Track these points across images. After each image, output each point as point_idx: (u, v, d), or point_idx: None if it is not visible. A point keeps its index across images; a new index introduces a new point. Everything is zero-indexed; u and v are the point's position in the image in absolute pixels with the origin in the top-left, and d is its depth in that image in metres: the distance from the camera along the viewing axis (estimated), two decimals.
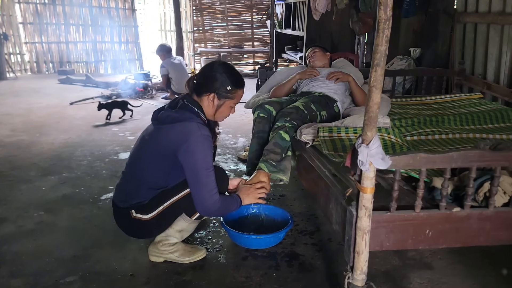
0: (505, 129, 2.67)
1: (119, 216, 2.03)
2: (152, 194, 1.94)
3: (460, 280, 1.90)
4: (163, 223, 2.01)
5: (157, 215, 1.93)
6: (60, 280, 1.91)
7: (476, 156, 1.51)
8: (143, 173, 1.95)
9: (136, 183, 1.95)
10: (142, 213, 1.93)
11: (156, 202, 1.93)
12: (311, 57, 3.30)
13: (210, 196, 1.85)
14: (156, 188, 1.94)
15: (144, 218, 1.93)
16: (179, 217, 2.01)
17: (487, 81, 3.70)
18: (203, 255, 2.08)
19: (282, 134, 2.43)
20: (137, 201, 1.93)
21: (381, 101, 1.54)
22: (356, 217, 1.51)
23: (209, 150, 1.87)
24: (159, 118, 1.96)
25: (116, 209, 2.02)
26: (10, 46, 8.81)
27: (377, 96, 1.36)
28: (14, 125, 4.74)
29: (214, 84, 1.94)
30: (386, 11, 1.27)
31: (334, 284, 1.89)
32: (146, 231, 2.02)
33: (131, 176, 2.00)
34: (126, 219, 1.97)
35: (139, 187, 1.94)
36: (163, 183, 1.95)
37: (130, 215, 1.94)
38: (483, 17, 3.79)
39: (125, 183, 2.02)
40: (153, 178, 1.94)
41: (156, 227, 2.00)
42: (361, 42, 6.49)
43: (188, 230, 2.07)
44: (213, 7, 10.06)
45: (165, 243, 2.03)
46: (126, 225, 2.02)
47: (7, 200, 2.76)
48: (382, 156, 1.41)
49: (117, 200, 2.01)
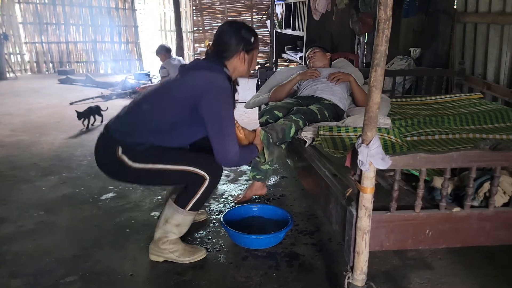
0: (505, 129, 2.67)
1: (103, 145, 1.95)
2: (148, 140, 1.87)
3: (460, 280, 1.90)
4: (142, 180, 1.97)
5: (143, 170, 1.87)
6: (60, 280, 1.91)
7: (476, 156, 1.51)
8: (152, 114, 1.90)
9: (139, 121, 1.90)
10: (130, 157, 1.86)
11: (149, 157, 1.87)
12: (311, 57, 3.30)
13: (234, 145, 1.84)
14: (157, 132, 1.88)
15: (129, 163, 1.86)
16: (173, 211, 1.98)
17: (487, 81, 3.70)
18: (203, 256, 2.08)
19: (293, 127, 2.43)
20: (131, 139, 1.87)
21: (381, 102, 1.55)
22: (356, 217, 1.51)
23: (232, 103, 1.88)
24: (186, 66, 1.98)
25: (105, 137, 1.94)
26: (10, 46, 8.82)
27: (377, 96, 1.36)
28: (14, 125, 4.74)
29: (239, 44, 1.98)
30: (386, 11, 1.27)
31: (334, 284, 1.89)
32: (121, 174, 1.95)
33: (138, 113, 1.94)
34: (109, 151, 1.89)
35: (141, 126, 1.89)
36: (166, 131, 1.89)
37: (116, 151, 1.86)
38: (483, 17, 3.79)
39: (127, 116, 1.95)
40: (159, 121, 1.88)
41: (134, 178, 1.96)
42: (361, 42, 6.49)
43: (185, 223, 2.03)
44: (213, 7, 10.07)
45: (165, 241, 2.01)
46: (104, 157, 1.95)
47: (7, 200, 2.76)
48: (382, 156, 1.41)
49: (112, 127, 1.93)
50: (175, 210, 1.98)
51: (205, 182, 1.93)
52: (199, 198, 1.96)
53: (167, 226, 2.01)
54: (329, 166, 1.99)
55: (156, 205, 2.68)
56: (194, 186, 1.95)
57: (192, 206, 1.97)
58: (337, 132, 2.29)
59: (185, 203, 1.96)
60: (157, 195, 2.84)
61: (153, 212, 2.59)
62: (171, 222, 2.00)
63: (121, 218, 2.51)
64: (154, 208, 2.64)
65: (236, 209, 2.44)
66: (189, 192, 1.96)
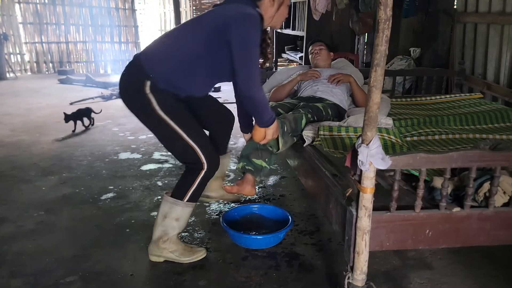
0: (505, 129, 2.67)
1: (131, 73, 1.90)
2: (174, 74, 1.85)
3: (460, 280, 1.90)
4: (157, 132, 1.94)
5: (163, 122, 1.85)
6: (60, 280, 1.91)
7: (476, 156, 1.51)
8: (181, 42, 1.89)
9: (168, 50, 1.89)
10: (157, 101, 1.83)
11: (172, 110, 1.86)
12: (316, 54, 3.25)
13: (258, 74, 1.82)
14: (184, 64, 1.86)
15: (155, 108, 1.83)
16: (170, 205, 1.97)
17: (487, 81, 3.70)
18: (202, 255, 2.07)
19: (303, 118, 2.42)
20: (159, 70, 1.84)
21: (381, 102, 1.55)
22: (356, 217, 1.51)
23: (258, 34, 1.84)
24: (218, 3, 1.97)
25: (134, 64, 1.89)
26: (10, 46, 8.82)
27: (377, 96, 1.36)
28: (14, 125, 4.74)
29: None
30: (386, 11, 1.27)
31: (334, 284, 1.89)
32: (143, 113, 1.90)
33: (167, 42, 1.94)
34: (137, 83, 1.84)
35: (169, 55, 1.87)
36: (192, 62, 1.87)
37: (143, 86, 1.82)
38: (483, 17, 3.79)
39: (158, 46, 1.94)
40: (187, 51, 1.86)
41: (153, 125, 1.92)
42: (361, 42, 6.50)
43: (184, 217, 2.00)
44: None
45: (165, 240, 2.00)
46: (131, 86, 1.90)
47: (7, 200, 2.76)
48: (382, 156, 1.41)
49: (141, 56, 1.90)
50: (172, 204, 1.96)
51: (202, 172, 1.93)
52: (196, 188, 1.95)
53: (166, 221, 1.99)
54: (329, 166, 1.98)
55: (156, 205, 2.68)
56: (191, 174, 1.95)
57: (190, 196, 1.96)
58: (337, 132, 2.29)
59: (183, 194, 1.95)
60: (157, 195, 2.84)
61: (153, 212, 2.59)
62: (170, 216, 1.98)
63: (121, 218, 2.51)
64: (154, 208, 2.64)
65: (236, 209, 2.44)
66: (186, 182, 1.96)
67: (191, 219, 2.47)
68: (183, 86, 1.90)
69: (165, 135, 1.93)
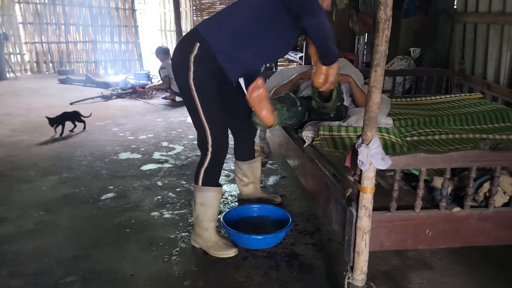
0: (505, 129, 2.67)
1: (186, 37, 1.98)
2: (225, 44, 1.89)
3: (460, 280, 1.90)
4: (186, 101, 2.01)
5: (191, 94, 1.95)
6: (60, 280, 1.91)
7: (476, 156, 1.51)
8: (238, 11, 1.92)
9: (225, 17, 1.93)
10: (195, 71, 1.90)
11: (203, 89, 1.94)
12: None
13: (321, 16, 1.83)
14: (245, 28, 1.89)
15: (190, 75, 1.92)
16: (194, 189, 2.10)
17: (487, 81, 3.70)
18: (232, 254, 2.09)
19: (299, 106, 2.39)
20: (216, 35, 1.89)
21: (381, 102, 1.54)
22: (356, 217, 1.51)
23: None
24: None
25: (192, 30, 1.98)
26: (10, 46, 8.81)
27: (377, 96, 1.36)
28: (14, 125, 4.74)
29: None
30: (386, 11, 1.27)
31: (334, 284, 1.89)
32: (181, 78, 1.97)
33: (226, 11, 1.97)
34: (186, 46, 1.93)
35: (225, 23, 1.91)
36: (247, 32, 1.90)
37: (191, 49, 1.89)
38: (483, 17, 3.79)
39: (217, 15, 1.99)
40: (243, 19, 1.90)
41: (184, 93, 1.99)
42: (361, 42, 6.49)
43: (207, 202, 2.08)
44: (213, 7, 10.05)
45: (199, 224, 2.11)
46: (180, 50, 1.99)
47: (7, 200, 2.76)
48: (382, 156, 1.41)
49: (201, 24, 1.96)
50: (194, 189, 2.11)
51: (208, 155, 2.05)
52: (206, 171, 2.06)
53: (196, 207, 2.11)
54: (329, 166, 1.98)
55: (156, 205, 2.68)
56: (201, 157, 2.08)
57: (202, 179, 2.06)
58: (337, 132, 2.29)
59: (197, 178, 2.08)
60: (157, 195, 2.84)
61: (153, 212, 2.59)
62: (196, 201, 2.10)
63: (121, 218, 2.51)
64: (154, 208, 2.64)
65: (236, 209, 2.44)
66: (198, 165, 2.09)
67: (191, 219, 2.47)
68: (234, 56, 1.93)
69: (189, 107, 2.03)
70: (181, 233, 2.33)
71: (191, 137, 4.26)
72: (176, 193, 2.86)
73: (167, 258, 2.09)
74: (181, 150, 3.85)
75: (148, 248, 2.18)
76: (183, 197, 2.80)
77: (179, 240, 2.26)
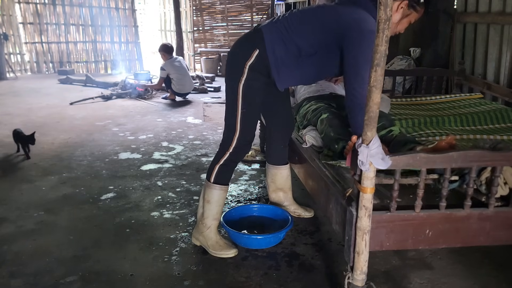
0: (505, 130, 2.66)
1: (249, 36, 2.00)
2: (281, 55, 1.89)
3: (460, 280, 1.90)
4: (228, 97, 2.05)
5: (236, 97, 1.97)
6: (60, 280, 1.91)
7: (476, 156, 1.51)
8: (304, 35, 1.88)
9: (287, 28, 1.89)
10: (247, 78, 1.93)
11: (249, 93, 1.97)
12: None
13: (364, 89, 1.75)
14: (299, 55, 1.89)
15: (241, 80, 1.94)
16: (204, 185, 2.13)
17: (487, 81, 3.70)
18: (232, 254, 2.09)
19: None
20: (276, 48, 1.88)
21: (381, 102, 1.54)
22: (356, 217, 1.51)
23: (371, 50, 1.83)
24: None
25: (256, 30, 1.96)
26: (10, 46, 8.82)
27: (377, 96, 1.36)
28: (14, 125, 4.72)
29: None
30: (386, 11, 1.27)
31: (334, 284, 1.89)
32: (231, 78, 2.00)
33: (288, 21, 1.93)
34: (246, 47, 1.95)
35: (285, 34, 1.89)
36: (309, 54, 1.89)
37: (250, 54, 1.91)
38: (483, 17, 3.79)
39: (280, 22, 1.94)
40: (309, 45, 1.88)
41: (230, 92, 2.02)
42: None
43: (213, 200, 2.08)
44: (213, 7, 10.06)
45: (202, 221, 2.11)
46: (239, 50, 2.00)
47: (7, 200, 2.76)
48: (382, 156, 1.41)
49: (265, 28, 1.94)
50: (204, 184, 2.13)
51: (226, 153, 2.06)
52: (220, 168, 2.08)
53: (203, 203, 2.12)
54: (329, 167, 1.98)
55: (156, 205, 2.68)
56: (218, 154, 2.10)
57: (215, 177, 2.08)
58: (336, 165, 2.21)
59: (210, 174, 2.10)
60: (157, 195, 2.84)
61: (153, 212, 2.59)
62: (204, 197, 2.12)
63: (121, 218, 2.51)
64: (154, 208, 2.64)
65: (236, 209, 2.44)
66: (213, 162, 2.11)
67: (191, 219, 2.47)
68: (290, 74, 1.96)
69: (229, 106, 2.05)
70: (181, 233, 2.33)
71: (191, 137, 4.26)
72: (176, 193, 2.86)
73: (167, 258, 2.09)
74: (181, 150, 3.85)
75: (148, 248, 2.18)
76: (183, 197, 2.80)
77: (179, 240, 2.26)
